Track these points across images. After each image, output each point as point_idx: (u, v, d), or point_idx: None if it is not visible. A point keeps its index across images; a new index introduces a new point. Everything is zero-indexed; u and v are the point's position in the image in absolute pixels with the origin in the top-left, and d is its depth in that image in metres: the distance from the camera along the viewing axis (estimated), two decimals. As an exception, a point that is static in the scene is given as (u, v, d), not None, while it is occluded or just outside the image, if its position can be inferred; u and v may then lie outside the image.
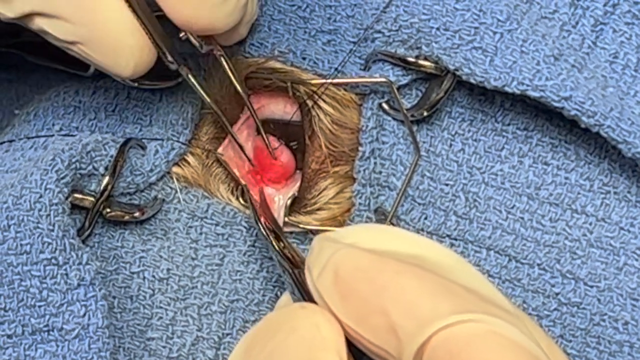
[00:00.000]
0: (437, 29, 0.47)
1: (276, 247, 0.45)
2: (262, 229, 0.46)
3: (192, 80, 0.47)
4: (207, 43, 0.46)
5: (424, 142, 0.49)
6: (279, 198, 0.50)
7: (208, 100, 0.48)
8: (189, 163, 0.50)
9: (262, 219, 0.46)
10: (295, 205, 0.50)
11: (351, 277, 0.37)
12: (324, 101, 0.49)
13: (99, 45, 0.43)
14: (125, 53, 0.43)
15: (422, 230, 0.49)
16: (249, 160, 0.50)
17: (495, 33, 0.47)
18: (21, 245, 0.45)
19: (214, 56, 0.48)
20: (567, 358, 0.38)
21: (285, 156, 0.50)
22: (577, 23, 0.48)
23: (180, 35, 0.44)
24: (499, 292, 0.38)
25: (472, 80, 0.47)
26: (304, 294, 0.41)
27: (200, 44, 0.45)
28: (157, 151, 0.49)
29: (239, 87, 0.48)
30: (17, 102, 0.54)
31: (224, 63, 0.47)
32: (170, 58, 0.45)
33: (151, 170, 0.49)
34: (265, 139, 0.49)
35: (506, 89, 0.46)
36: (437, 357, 0.34)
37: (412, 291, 0.36)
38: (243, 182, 0.50)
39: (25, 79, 0.55)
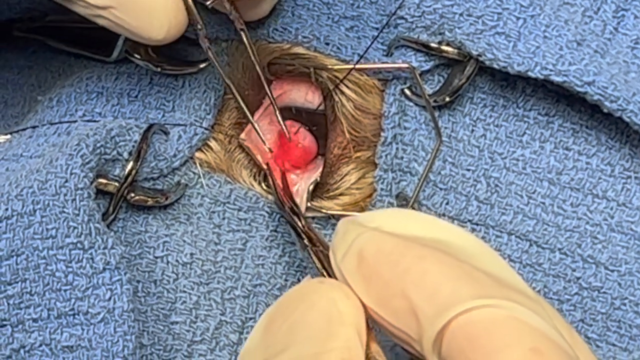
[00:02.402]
0: (460, 14, 0.47)
1: (297, 224, 0.45)
2: (281, 205, 0.46)
3: (213, 57, 0.48)
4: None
5: (445, 128, 0.49)
6: (301, 183, 0.50)
7: (227, 80, 0.48)
8: (211, 148, 0.50)
9: (283, 197, 0.47)
10: (318, 190, 0.50)
11: (374, 260, 0.38)
12: (347, 87, 0.49)
13: (134, 6, 0.43)
14: (159, 14, 0.44)
15: (444, 215, 0.49)
16: (262, 140, 0.50)
17: (518, 18, 0.47)
18: (47, 229, 0.45)
19: (237, 41, 0.48)
20: (586, 345, 0.38)
21: (306, 139, 0.50)
22: (598, 9, 0.48)
23: (208, 2, 0.45)
24: (520, 278, 0.38)
25: (495, 66, 0.47)
26: (323, 271, 0.42)
27: (230, 10, 0.46)
28: (180, 136, 0.49)
29: (257, 66, 0.49)
30: (39, 88, 0.55)
31: (245, 38, 0.48)
32: (200, 25, 0.46)
33: (174, 156, 0.49)
34: (281, 121, 0.50)
35: (529, 74, 0.46)
36: (456, 341, 0.34)
37: (433, 275, 0.36)
38: (265, 162, 0.50)
39: (46, 65, 0.55)
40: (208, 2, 0.45)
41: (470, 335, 0.34)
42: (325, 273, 0.42)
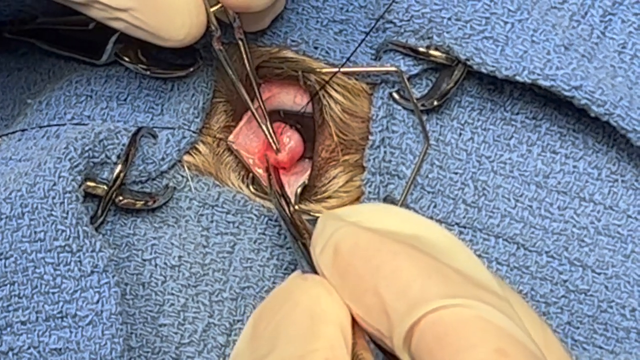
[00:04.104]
0: (449, 19, 0.47)
1: (288, 213, 0.46)
2: (275, 194, 0.47)
3: (224, 54, 0.48)
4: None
5: (433, 131, 0.50)
6: (289, 186, 0.50)
7: (233, 77, 0.48)
8: (200, 151, 0.50)
9: (275, 187, 0.47)
10: (306, 193, 0.50)
11: (349, 254, 0.38)
12: (335, 90, 0.49)
13: (155, 6, 0.43)
14: (181, 13, 0.44)
15: (431, 218, 0.50)
16: (272, 135, 0.50)
17: (506, 23, 0.47)
18: (35, 232, 0.45)
19: (226, 45, 0.48)
20: (560, 343, 0.39)
21: (292, 141, 0.50)
22: (586, 13, 0.48)
23: (214, 9, 0.45)
24: (492, 275, 0.38)
25: (483, 70, 0.47)
26: (311, 264, 0.42)
27: (234, 17, 0.46)
28: (168, 140, 0.49)
29: (250, 72, 0.49)
30: (28, 91, 0.55)
31: (242, 47, 0.48)
32: (215, 27, 0.46)
33: (163, 159, 0.49)
34: (270, 131, 0.50)
35: (517, 78, 0.46)
36: (425, 340, 0.34)
37: (404, 272, 0.36)
38: (258, 161, 0.50)
39: (35, 68, 0.55)
40: (213, 8, 0.45)
41: (437, 334, 0.34)
42: (311, 266, 0.42)
